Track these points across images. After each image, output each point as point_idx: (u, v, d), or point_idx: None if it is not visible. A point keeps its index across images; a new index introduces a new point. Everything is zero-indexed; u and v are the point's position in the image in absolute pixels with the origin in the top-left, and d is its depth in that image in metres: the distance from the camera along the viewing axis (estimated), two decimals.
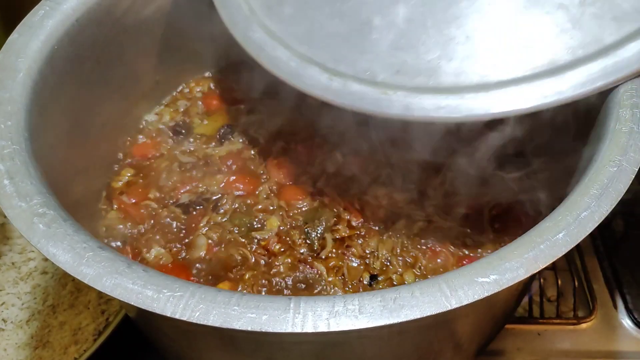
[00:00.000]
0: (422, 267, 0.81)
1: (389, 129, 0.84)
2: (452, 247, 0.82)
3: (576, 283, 0.95)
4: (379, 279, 0.79)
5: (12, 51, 0.71)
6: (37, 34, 0.73)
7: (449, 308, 0.49)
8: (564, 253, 0.52)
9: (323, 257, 0.81)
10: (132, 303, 0.50)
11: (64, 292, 0.95)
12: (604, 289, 0.96)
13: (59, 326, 0.91)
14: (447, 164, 0.88)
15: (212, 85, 1.08)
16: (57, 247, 0.54)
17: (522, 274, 0.50)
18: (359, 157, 0.92)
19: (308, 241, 0.83)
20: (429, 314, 0.48)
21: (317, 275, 0.80)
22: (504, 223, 0.85)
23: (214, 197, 0.88)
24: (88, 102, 0.84)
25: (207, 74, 1.10)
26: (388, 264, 0.81)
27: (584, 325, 0.91)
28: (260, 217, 0.86)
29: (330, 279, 0.79)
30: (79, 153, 0.81)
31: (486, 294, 0.49)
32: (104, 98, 0.88)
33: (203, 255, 0.82)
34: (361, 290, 0.79)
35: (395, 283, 0.79)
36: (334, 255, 0.82)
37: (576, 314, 0.93)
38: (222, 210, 0.87)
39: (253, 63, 1.10)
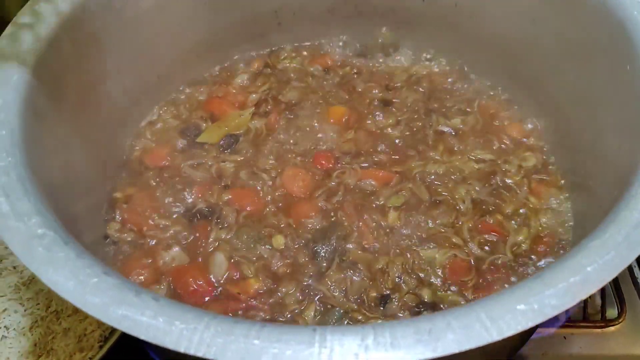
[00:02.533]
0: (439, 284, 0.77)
1: None
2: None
3: None
4: (392, 297, 0.75)
5: (4, 52, 0.66)
6: (31, 32, 0.68)
7: (490, 341, 0.45)
8: (614, 277, 0.47)
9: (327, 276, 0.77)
10: (142, 337, 0.46)
11: None
12: (632, 291, 0.92)
13: (64, 333, 0.88)
14: None
15: (215, 85, 1.02)
16: (58, 273, 0.50)
17: (569, 302, 0.46)
18: (381, 170, 0.88)
19: (316, 260, 0.78)
20: (468, 347, 0.44)
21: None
22: None
23: (216, 209, 0.84)
24: (88, 101, 0.79)
25: (212, 71, 1.04)
26: (400, 281, 0.76)
27: (612, 329, 0.88)
28: (266, 234, 0.81)
29: (335, 293, 0.75)
30: (79, 158, 0.76)
31: (530, 324, 0.45)
32: (104, 97, 0.83)
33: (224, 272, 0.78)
34: (366, 302, 0.75)
35: (411, 304, 0.74)
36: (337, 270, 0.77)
37: (604, 316, 0.89)
38: (226, 225, 0.82)
39: (261, 60, 1.06)
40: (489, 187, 0.86)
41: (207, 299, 0.76)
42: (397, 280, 0.76)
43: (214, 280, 0.77)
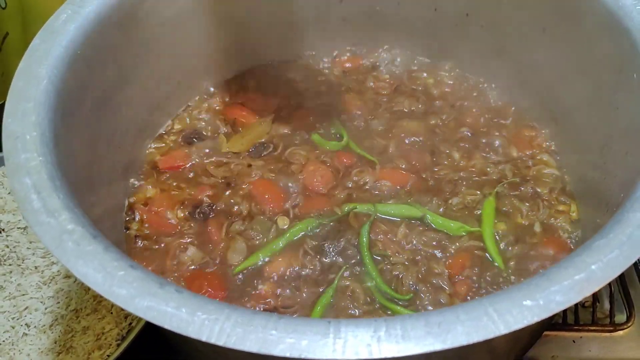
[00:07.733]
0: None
1: None
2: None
3: (612, 288, 0.92)
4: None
5: (34, 58, 0.69)
6: (59, 40, 0.71)
7: (498, 334, 0.46)
8: (617, 275, 0.49)
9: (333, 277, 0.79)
10: (166, 326, 0.48)
11: (87, 296, 0.94)
12: None
13: (82, 331, 0.90)
14: None
15: (235, 92, 1.05)
16: (87, 266, 0.52)
17: (573, 298, 0.48)
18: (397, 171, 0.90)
19: (325, 259, 0.80)
20: (476, 340, 0.46)
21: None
22: None
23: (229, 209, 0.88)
24: (111, 106, 0.82)
25: (232, 78, 1.07)
26: (416, 289, 0.77)
27: (620, 332, 0.88)
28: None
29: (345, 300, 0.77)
30: (102, 161, 0.79)
31: (536, 319, 0.47)
32: (126, 102, 0.86)
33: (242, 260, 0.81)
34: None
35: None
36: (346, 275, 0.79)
37: (612, 320, 0.90)
38: (237, 218, 0.85)
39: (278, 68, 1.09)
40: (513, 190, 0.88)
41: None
42: (412, 288, 0.77)
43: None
